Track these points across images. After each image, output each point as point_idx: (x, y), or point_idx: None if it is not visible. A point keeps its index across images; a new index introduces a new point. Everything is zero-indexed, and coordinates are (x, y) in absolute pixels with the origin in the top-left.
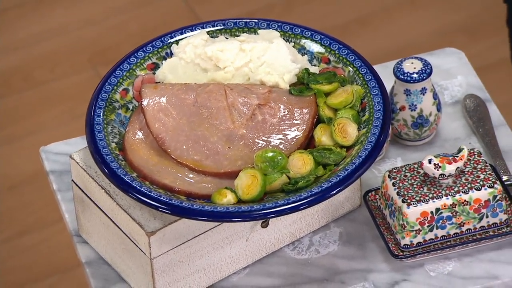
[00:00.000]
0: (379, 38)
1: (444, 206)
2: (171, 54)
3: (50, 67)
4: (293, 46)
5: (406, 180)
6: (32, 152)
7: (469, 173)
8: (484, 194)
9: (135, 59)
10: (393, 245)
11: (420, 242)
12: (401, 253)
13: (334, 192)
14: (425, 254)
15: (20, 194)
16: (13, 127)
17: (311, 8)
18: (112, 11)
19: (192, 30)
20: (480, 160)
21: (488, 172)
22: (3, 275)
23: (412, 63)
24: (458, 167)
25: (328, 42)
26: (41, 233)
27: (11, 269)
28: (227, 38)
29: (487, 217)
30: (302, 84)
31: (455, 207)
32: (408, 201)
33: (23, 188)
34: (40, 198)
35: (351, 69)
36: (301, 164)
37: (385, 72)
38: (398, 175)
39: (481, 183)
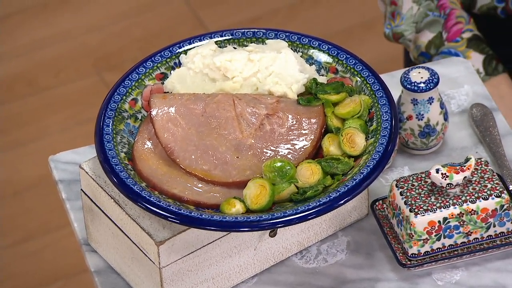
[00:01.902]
0: (383, 42)
1: (452, 215)
2: (179, 64)
3: (54, 72)
4: (301, 56)
5: (414, 189)
6: (36, 158)
7: (476, 182)
8: (491, 203)
9: (144, 69)
10: (400, 254)
11: (427, 251)
12: (409, 262)
13: (342, 201)
14: (433, 263)
15: (24, 200)
16: (17, 132)
17: (315, 13)
18: (116, 16)
19: (200, 40)
20: (487, 170)
21: (495, 182)
22: (6, 280)
23: (419, 72)
24: (465, 177)
25: (336, 52)
26: (45, 238)
27: (15, 275)
28: (235, 48)
29: (494, 226)
30: (310, 94)
31: (462, 217)
32: (416, 210)
33: (27, 194)
34: (44, 204)
35: (358, 79)
36: (309, 174)
37: (392, 81)
38: (406, 185)
39: (488, 192)
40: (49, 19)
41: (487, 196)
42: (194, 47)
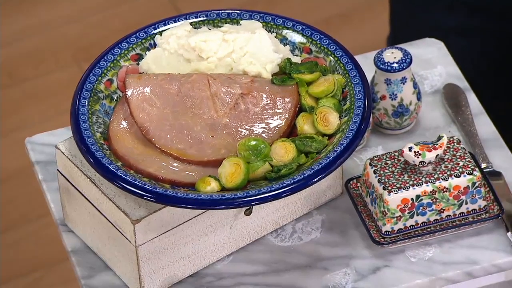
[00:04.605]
0: (361, 32)
1: (424, 193)
2: (154, 45)
3: (35, 63)
4: (275, 37)
5: (387, 167)
6: (18, 148)
7: (448, 160)
8: (463, 181)
9: (119, 50)
10: (374, 232)
11: (401, 229)
12: (383, 240)
13: (316, 179)
14: (406, 240)
15: (6, 190)
16: None
17: (294, 3)
18: (95, 7)
19: (175, 21)
20: (459, 148)
21: (467, 160)
22: None
23: (392, 53)
24: (437, 155)
25: (310, 33)
26: (26, 228)
27: None
28: (210, 29)
29: (466, 203)
30: (284, 74)
31: (435, 194)
32: (389, 188)
33: (8, 184)
34: (25, 193)
35: (332, 58)
36: (284, 152)
37: (366, 62)
38: (379, 163)
39: (460, 170)
40: (29, 10)
41: (459, 174)
42: (169, 28)
